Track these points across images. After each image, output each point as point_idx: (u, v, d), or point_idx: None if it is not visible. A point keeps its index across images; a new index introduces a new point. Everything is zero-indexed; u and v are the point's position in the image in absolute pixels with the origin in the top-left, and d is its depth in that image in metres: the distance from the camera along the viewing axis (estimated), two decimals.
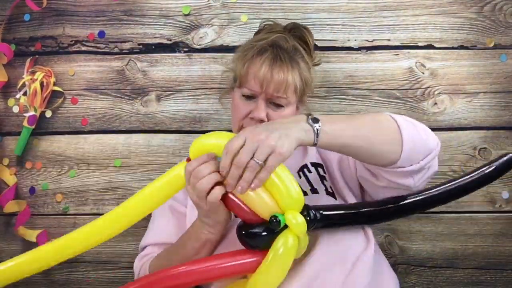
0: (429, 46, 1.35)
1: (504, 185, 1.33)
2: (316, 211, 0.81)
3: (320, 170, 1.02)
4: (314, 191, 0.98)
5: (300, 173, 1.02)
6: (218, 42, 1.37)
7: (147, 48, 1.39)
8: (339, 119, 0.84)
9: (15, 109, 1.39)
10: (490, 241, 1.34)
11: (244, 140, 0.73)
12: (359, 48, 1.36)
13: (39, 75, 1.37)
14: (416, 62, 1.35)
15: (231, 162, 0.73)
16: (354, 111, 1.35)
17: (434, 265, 1.35)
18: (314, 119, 0.78)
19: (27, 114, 1.37)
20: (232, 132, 0.94)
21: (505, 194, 1.33)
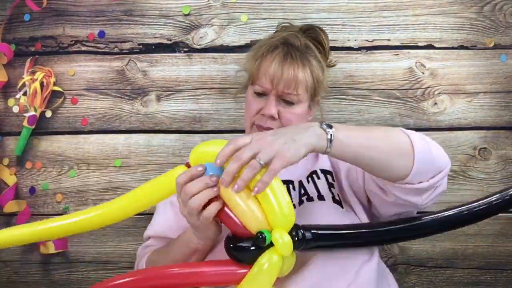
0: (429, 46, 1.35)
1: (504, 185, 1.32)
2: (305, 231, 0.79)
3: (329, 177, 1.00)
4: (320, 197, 0.96)
5: (309, 178, 1.01)
6: (218, 42, 1.37)
7: (147, 48, 1.39)
8: (353, 128, 0.83)
9: (15, 109, 1.39)
10: (490, 241, 1.34)
11: (250, 141, 0.73)
12: (359, 48, 1.36)
13: (39, 75, 1.37)
14: (416, 62, 1.35)
15: (231, 154, 0.73)
16: (354, 111, 1.35)
17: (434, 265, 1.35)
18: (328, 125, 0.77)
19: (27, 114, 1.37)
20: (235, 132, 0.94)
21: None
